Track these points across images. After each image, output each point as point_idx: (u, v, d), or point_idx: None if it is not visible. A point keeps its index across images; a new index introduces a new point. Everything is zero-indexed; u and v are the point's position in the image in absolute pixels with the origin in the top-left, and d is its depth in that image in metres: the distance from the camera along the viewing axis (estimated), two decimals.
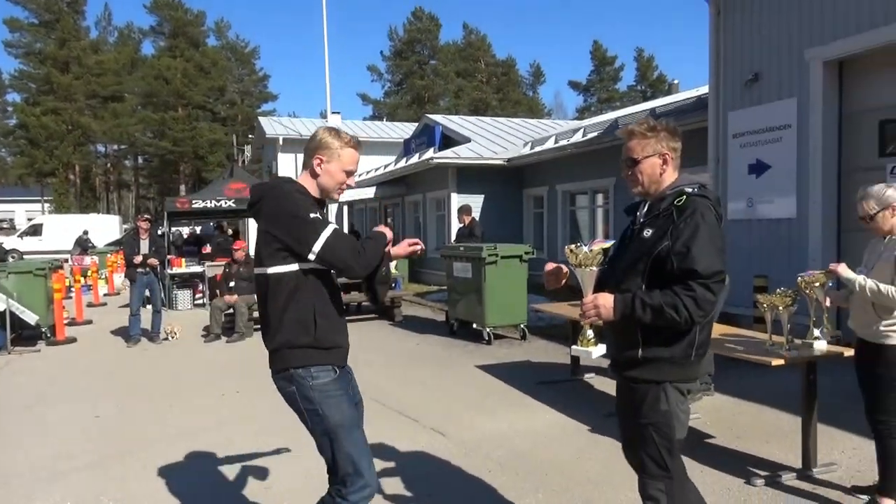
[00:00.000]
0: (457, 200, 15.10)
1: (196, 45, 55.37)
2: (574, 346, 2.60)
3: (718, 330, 4.88)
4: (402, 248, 2.66)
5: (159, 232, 13.42)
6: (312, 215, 2.36)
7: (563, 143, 14.28)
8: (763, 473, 3.94)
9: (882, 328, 3.24)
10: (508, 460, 4.34)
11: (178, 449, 4.74)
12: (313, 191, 2.51)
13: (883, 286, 3.17)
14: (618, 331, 2.48)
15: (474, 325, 8.80)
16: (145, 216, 9.92)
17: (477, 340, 8.59)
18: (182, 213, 14.64)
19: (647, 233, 2.43)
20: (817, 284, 3.60)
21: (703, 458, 4.24)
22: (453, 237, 12.04)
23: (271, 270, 2.40)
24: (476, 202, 15.31)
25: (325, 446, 2.48)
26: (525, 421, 5.18)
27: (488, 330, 8.51)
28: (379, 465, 2.93)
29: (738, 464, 4.18)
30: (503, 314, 8.50)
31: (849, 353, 3.66)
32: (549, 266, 2.69)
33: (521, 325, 8.74)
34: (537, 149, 15.18)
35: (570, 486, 3.87)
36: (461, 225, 10.61)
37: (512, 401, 5.80)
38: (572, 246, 2.50)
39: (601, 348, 2.55)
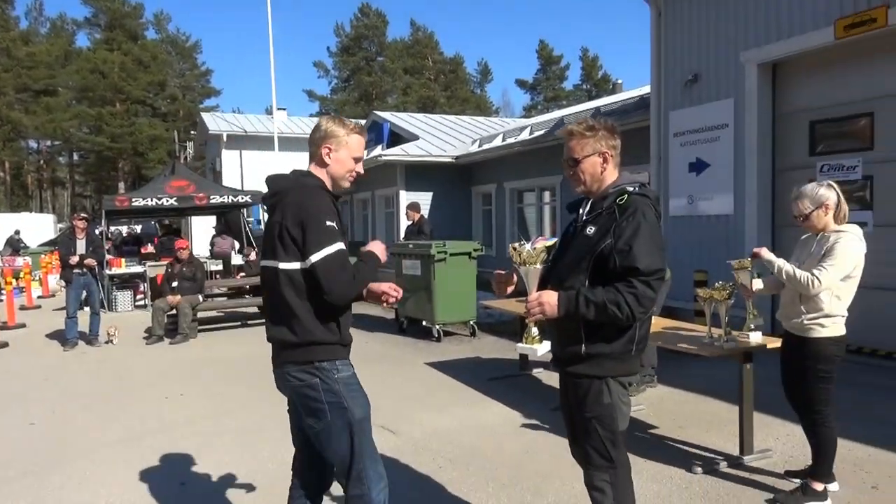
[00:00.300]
0: (405, 198, 15.09)
1: (134, 38, 53.54)
2: (519, 344, 2.64)
3: (661, 324, 5.04)
4: (381, 249, 2.62)
5: (97, 231, 12.96)
6: (329, 223, 2.34)
7: (510, 141, 14.42)
8: (703, 461, 4.08)
9: (807, 321, 3.38)
10: (458, 456, 4.37)
11: (120, 455, 4.60)
12: (324, 181, 2.50)
13: (798, 272, 3.31)
14: (561, 328, 2.53)
15: (424, 323, 8.81)
16: (82, 215, 9.55)
17: (427, 338, 8.61)
18: (121, 211, 14.16)
19: (590, 230, 2.48)
20: (747, 268, 3.75)
21: (646, 448, 4.36)
22: (402, 235, 12.03)
23: (284, 266, 2.34)
24: (425, 199, 15.33)
25: (343, 441, 2.41)
26: (474, 417, 5.23)
27: (438, 327, 8.54)
28: None
29: (679, 452, 4.32)
30: (452, 311, 8.54)
31: (778, 344, 3.82)
32: (500, 272, 2.73)
33: (471, 322, 8.80)
34: (485, 147, 15.29)
35: (520, 480, 3.93)
36: (410, 222, 10.60)
37: (461, 397, 5.84)
38: (516, 244, 2.54)
39: (546, 345, 2.59)
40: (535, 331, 2.56)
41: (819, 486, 3.46)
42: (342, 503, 2.61)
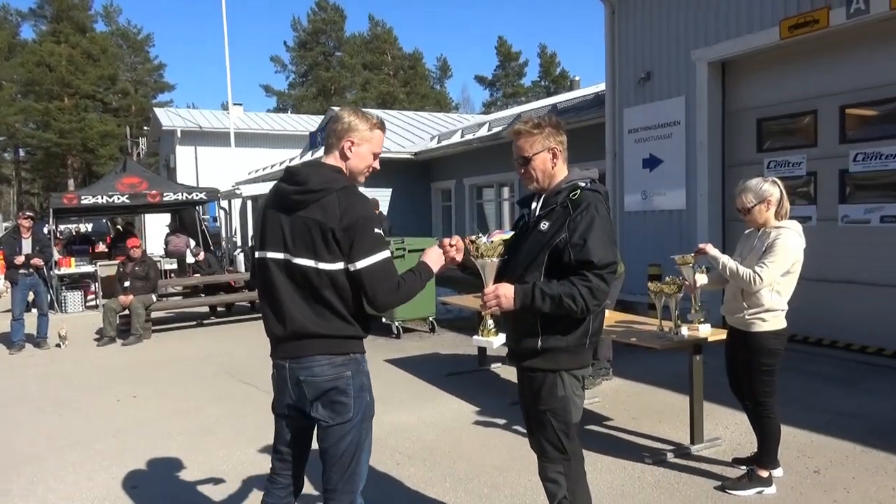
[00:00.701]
0: (364, 194, 15.00)
1: (83, 31, 51.83)
2: (476, 337, 2.66)
3: (616, 317, 5.14)
4: (437, 257, 2.51)
5: (45, 230, 12.56)
6: (377, 230, 2.30)
7: (468, 137, 14.46)
8: (655, 451, 4.19)
9: (748, 316, 3.48)
10: (416, 452, 4.38)
11: (69, 459, 4.49)
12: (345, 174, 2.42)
13: (741, 269, 3.40)
14: (517, 322, 2.57)
15: (384, 320, 8.79)
16: (27, 213, 9.25)
17: (386, 335, 8.59)
18: (70, 209, 13.74)
19: (545, 226, 2.53)
20: (689, 264, 3.85)
21: (601, 440, 4.46)
22: None
23: (325, 266, 2.26)
24: (385, 196, 15.29)
25: (354, 435, 2.35)
26: (433, 413, 5.25)
27: (397, 324, 8.53)
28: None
29: (633, 443, 4.41)
30: (412, 308, 8.50)
31: (724, 336, 3.92)
32: (446, 240, 2.60)
33: (430, 318, 8.81)
34: (444, 143, 15.31)
35: (477, 474, 3.97)
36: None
37: (420, 393, 5.85)
38: (473, 237, 2.56)
39: (501, 338, 2.62)
40: (490, 323, 2.59)
41: (764, 473, 3.58)
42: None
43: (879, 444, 4.15)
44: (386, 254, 2.30)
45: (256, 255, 2.43)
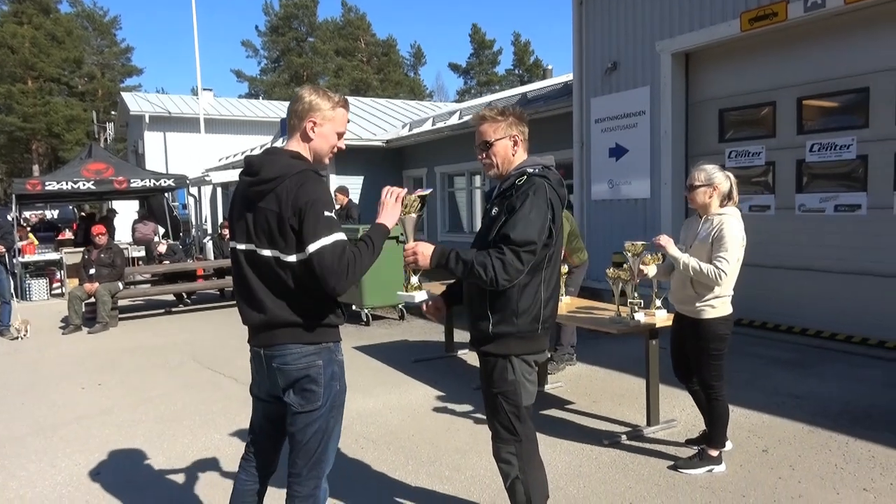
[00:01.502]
0: (336, 182, 14.95)
1: (46, 12, 50.46)
2: (399, 293, 2.77)
3: (578, 303, 5.26)
4: (392, 211, 2.49)
5: (9, 217, 12.31)
6: (327, 213, 2.24)
7: (440, 125, 14.48)
8: (612, 433, 4.32)
9: (699, 304, 3.57)
10: (381, 436, 4.46)
11: (31, 447, 4.48)
12: (307, 157, 2.38)
13: (704, 266, 3.47)
14: (470, 306, 2.67)
15: (353, 307, 8.83)
16: None
17: (356, 322, 8.64)
18: (34, 195, 13.49)
19: (494, 211, 2.63)
20: (639, 253, 3.96)
21: (562, 423, 4.58)
22: None
23: (287, 258, 2.24)
24: (356, 183, 15.25)
25: (322, 422, 2.36)
26: (398, 398, 5.32)
27: (366, 311, 8.58)
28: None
29: (592, 425, 4.54)
30: (381, 295, 8.56)
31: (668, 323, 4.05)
32: (429, 305, 2.87)
33: (399, 306, 8.87)
34: (415, 130, 15.31)
35: (439, 457, 4.05)
36: (338, 206, 10.56)
37: (387, 380, 5.92)
38: (402, 192, 2.55)
39: (423, 294, 2.72)
40: (414, 280, 2.70)
41: (714, 452, 3.72)
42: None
43: (825, 424, 4.34)
44: (336, 236, 2.22)
45: (231, 245, 2.44)
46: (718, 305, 3.55)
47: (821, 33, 6.60)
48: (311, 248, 2.20)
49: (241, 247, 2.36)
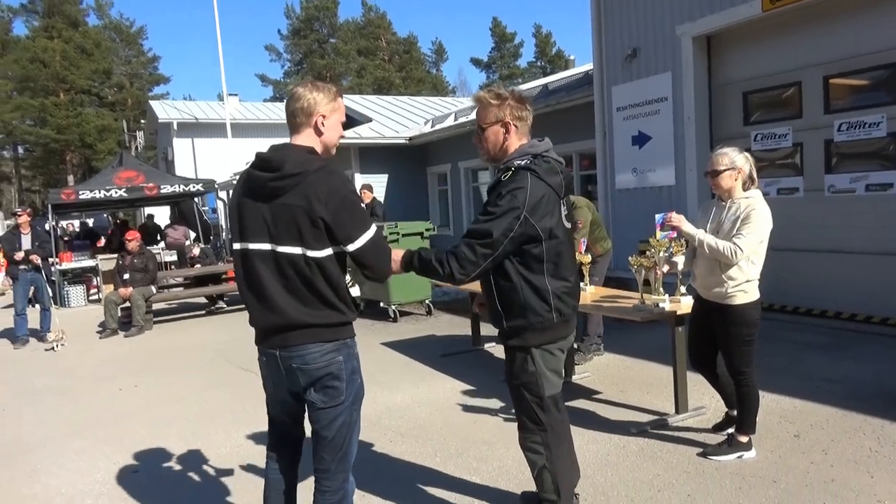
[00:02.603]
0: (361, 181, 15.05)
1: (75, 25, 51.62)
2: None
3: (604, 293, 5.23)
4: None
5: (46, 226, 12.67)
6: (362, 205, 2.33)
7: (462, 120, 14.48)
8: (641, 421, 4.30)
9: (730, 290, 3.49)
10: (409, 430, 4.50)
11: (71, 446, 4.62)
12: (318, 151, 2.41)
13: (720, 242, 3.41)
14: (489, 305, 2.71)
15: (381, 304, 8.90)
16: (26, 209, 9.38)
17: (384, 319, 8.70)
18: (69, 204, 13.86)
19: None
20: (665, 249, 3.93)
21: (589, 412, 4.57)
22: None
23: (314, 253, 2.25)
24: (380, 182, 15.33)
25: (346, 416, 2.40)
26: (426, 392, 5.36)
27: (394, 307, 8.64)
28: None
29: (620, 415, 4.52)
30: (408, 291, 8.64)
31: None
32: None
33: (427, 301, 8.92)
34: (437, 127, 15.32)
35: (466, 449, 4.08)
36: (363, 204, 10.63)
37: (414, 374, 5.97)
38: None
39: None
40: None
41: (744, 438, 3.68)
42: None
43: (859, 407, 4.25)
44: (374, 226, 2.34)
45: (236, 246, 2.38)
46: (750, 290, 3.49)
47: (845, 9, 6.43)
48: (360, 241, 2.28)
49: (255, 246, 2.31)
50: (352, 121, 17.63)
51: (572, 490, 2.84)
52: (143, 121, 37.46)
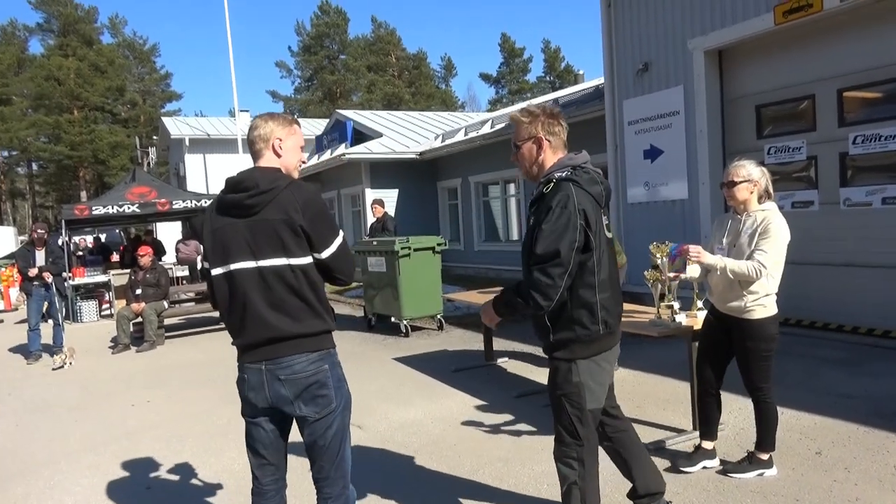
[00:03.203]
0: (371, 195, 15.10)
1: (89, 43, 52.39)
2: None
3: None
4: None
5: (59, 242, 12.75)
6: (331, 214, 2.48)
7: (472, 135, 14.52)
8: (657, 438, 4.24)
9: (749, 304, 3.45)
10: (423, 446, 4.45)
11: (84, 462, 4.61)
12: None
13: (742, 264, 3.36)
14: (535, 319, 2.69)
15: (392, 319, 8.88)
16: (41, 226, 9.45)
17: (395, 333, 8.68)
18: (83, 220, 13.95)
19: (531, 221, 2.61)
20: (666, 254, 3.89)
21: None
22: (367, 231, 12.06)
23: (297, 261, 2.35)
24: (391, 196, 15.38)
25: (338, 423, 2.46)
26: (440, 408, 5.32)
27: (405, 322, 8.61)
28: (294, 460, 2.96)
29: (637, 430, 4.42)
30: (419, 306, 8.62)
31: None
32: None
33: (438, 316, 8.89)
34: (448, 141, 15.37)
35: (482, 466, 4.03)
36: (374, 219, 10.66)
37: (427, 389, 5.93)
38: None
39: None
40: None
41: (764, 455, 3.62)
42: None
43: (881, 424, 4.18)
44: (342, 234, 2.48)
45: (218, 271, 2.42)
46: (769, 304, 3.44)
47: (859, 22, 6.42)
48: (331, 249, 2.40)
49: (238, 266, 2.36)
50: (362, 136, 17.74)
51: None
52: (155, 137, 37.89)
